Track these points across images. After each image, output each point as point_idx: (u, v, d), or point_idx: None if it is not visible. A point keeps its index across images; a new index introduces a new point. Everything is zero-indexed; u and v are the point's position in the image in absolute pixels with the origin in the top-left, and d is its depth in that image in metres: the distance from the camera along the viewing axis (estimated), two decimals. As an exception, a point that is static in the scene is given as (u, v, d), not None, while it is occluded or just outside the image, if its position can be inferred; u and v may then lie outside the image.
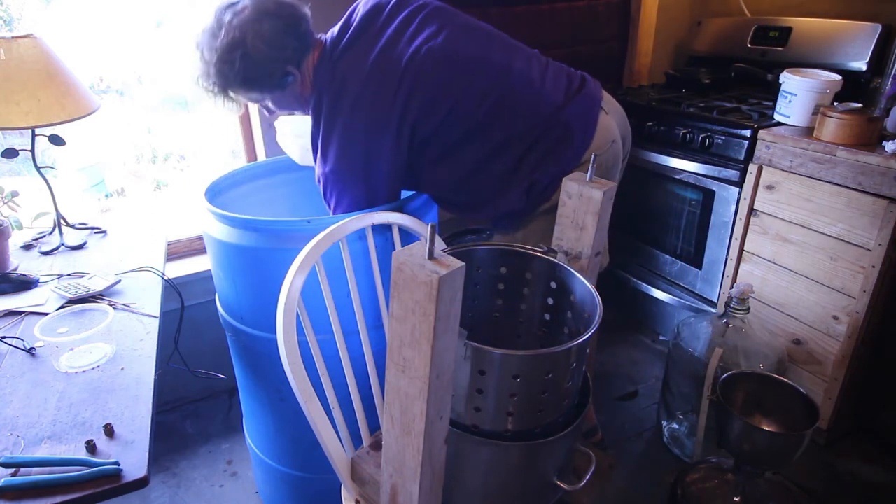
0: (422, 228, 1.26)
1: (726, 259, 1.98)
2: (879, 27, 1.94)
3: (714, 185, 1.96)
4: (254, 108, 1.84)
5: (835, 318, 1.70)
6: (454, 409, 0.87)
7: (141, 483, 0.83)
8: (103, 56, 1.94)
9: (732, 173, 1.89)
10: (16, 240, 1.50)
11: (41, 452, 0.87)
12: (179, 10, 1.98)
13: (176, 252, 1.94)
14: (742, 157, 1.85)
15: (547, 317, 1.07)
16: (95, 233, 1.57)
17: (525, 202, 1.33)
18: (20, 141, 1.57)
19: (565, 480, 0.94)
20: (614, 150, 1.38)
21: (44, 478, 0.82)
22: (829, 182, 1.63)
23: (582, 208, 1.00)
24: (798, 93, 1.77)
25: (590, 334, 0.84)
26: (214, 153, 2.26)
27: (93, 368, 1.05)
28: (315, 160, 1.28)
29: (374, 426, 1.13)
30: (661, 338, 2.39)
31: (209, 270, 1.46)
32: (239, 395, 1.57)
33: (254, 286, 1.28)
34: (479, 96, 1.25)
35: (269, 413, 1.42)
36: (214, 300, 1.45)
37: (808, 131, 1.73)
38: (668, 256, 2.21)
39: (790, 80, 1.78)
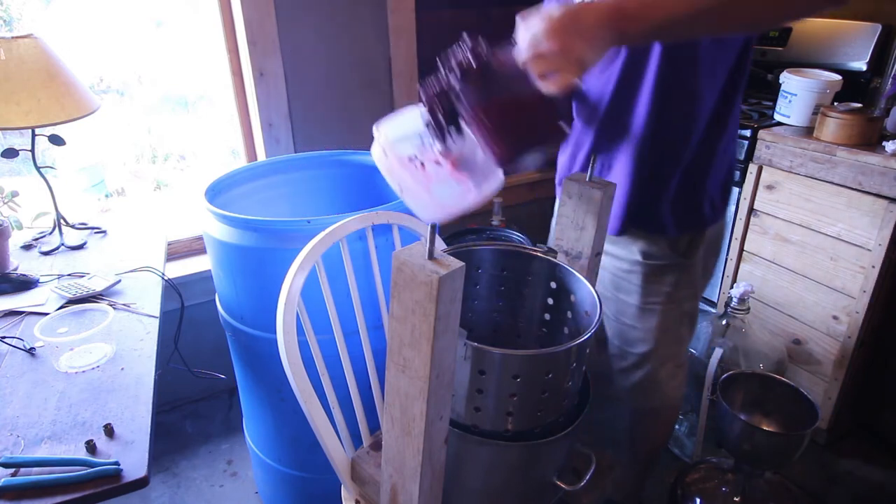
0: (422, 228, 1.25)
1: (726, 259, 1.98)
2: (879, 27, 1.94)
3: (714, 185, 1.96)
4: (254, 108, 1.84)
5: (835, 318, 1.70)
6: (454, 409, 0.87)
7: (141, 483, 0.83)
8: (103, 56, 1.94)
9: (732, 173, 1.89)
10: (16, 240, 1.50)
11: (41, 452, 0.87)
12: (179, 10, 1.98)
13: (176, 252, 1.94)
14: (742, 156, 1.85)
15: (547, 317, 1.07)
16: (95, 233, 1.57)
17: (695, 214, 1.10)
18: (20, 141, 1.57)
19: (565, 480, 0.94)
20: None
21: (44, 478, 0.82)
22: (829, 182, 1.63)
23: (582, 208, 1.00)
24: (798, 93, 1.77)
25: (590, 334, 0.84)
26: (214, 153, 2.26)
27: (93, 368, 1.05)
28: None
29: (374, 426, 1.13)
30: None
31: (209, 270, 1.46)
32: (239, 395, 1.57)
33: (254, 286, 1.28)
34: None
35: (269, 413, 1.42)
36: (214, 300, 1.45)
37: (808, 131, 1.73)
38: (668, 256, 2.21)
39: (790, 80, 1.78)
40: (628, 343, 1.25)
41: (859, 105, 1.65)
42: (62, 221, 1.51)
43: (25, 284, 1.30)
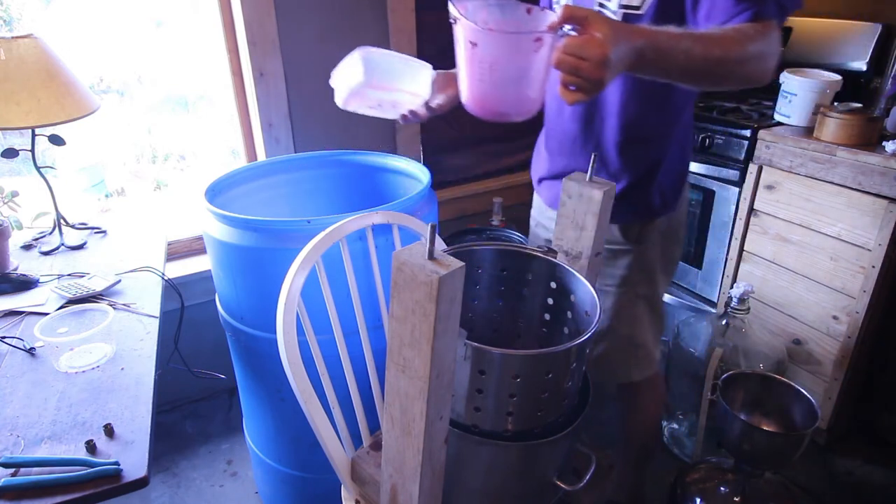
0: (422, 228, 1.25)
1: (726, 259, 1.98)
2: (879, 27, 1.94)
3: (714, 185, 1.96)
4: (254, 108, 1.84)
5: (835, 318, 1.70)
6: (454, 409, 0.87)
7: (141, 483, 0.83)
8: (103, 56, 1.94)
9: (732, 173, 1.89)
10: (16, 240, 1.50)
11: (41, 452, 0.87)
12: (179, 10, 1.98)
13: (176, 252, 1.94)
14: (742, 157, 1.85)
15: (547, 317, 1.07)
16: (95, 233, 1.57)
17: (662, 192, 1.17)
18: (20, 141, 1.57)
19: (565, 480, 0.94)
20: None
21: (44, 478, 0.82)
22: (829, 182, 1.63)
23: (582, 208, 1.00)
24: (798, 93, 1.77)
25: (590, 334, 0.84)
26: (214, 153, 2.26)
27: (93, 368, 1.05)
28: None
29: (374, 426, 1.13)
30: (661, 338, 2.38)
31: (209, 270, 1.46)
32: (239, 395, 1.57)
33: (254, 286, 1.28)
34: None
35: (269, 413, 1.42)
36: (214, 300, 1.45)
37: (808, 131, 1.73)
38: (668, 256, 2.21)
39: (790, 80, 1.78)
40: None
41: (859, 105, 1.65)
42: (62, 221, 1.51)
43: (25, 284, 1.30)
